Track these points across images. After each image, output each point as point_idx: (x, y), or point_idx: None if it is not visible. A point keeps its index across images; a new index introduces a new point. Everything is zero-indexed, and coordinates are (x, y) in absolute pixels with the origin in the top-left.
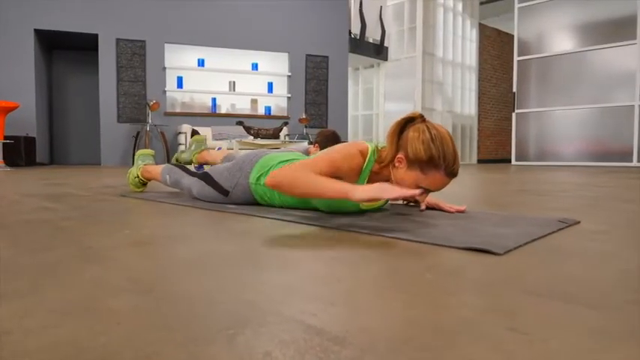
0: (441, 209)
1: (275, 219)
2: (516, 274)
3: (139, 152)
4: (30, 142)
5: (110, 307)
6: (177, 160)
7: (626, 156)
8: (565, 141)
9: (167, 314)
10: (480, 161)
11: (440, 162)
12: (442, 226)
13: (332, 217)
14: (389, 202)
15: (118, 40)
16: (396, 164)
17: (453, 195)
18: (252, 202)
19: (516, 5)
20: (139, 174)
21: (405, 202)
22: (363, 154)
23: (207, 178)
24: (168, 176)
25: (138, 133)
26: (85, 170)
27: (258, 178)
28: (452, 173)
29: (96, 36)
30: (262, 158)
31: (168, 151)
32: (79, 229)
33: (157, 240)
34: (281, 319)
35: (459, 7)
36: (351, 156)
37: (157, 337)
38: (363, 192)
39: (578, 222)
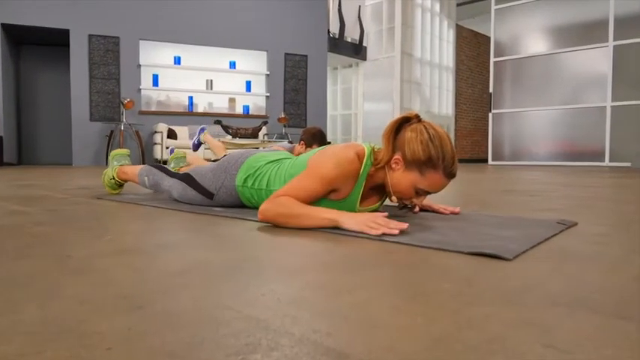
0: (434, 211)
1: (267, 223)
2: (535, 282)
3: (113, 152)
4: None
5: (98, 329)
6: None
7: (599, 156)
8: (540, 141)
9: (165, 337)
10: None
11: (439, 163)
12: (442, 228)
13: None
14: (383, 204)
15: (90, 36)
16: (393, 166)
17: (440, 196)
18: (238, 204)
19: (493, 7)
20: (115, 175)
21: (399, 205)
22: (360, 157)
23: (189, 180)
24: (146, 178)
25: (111, 133)
26: (57, 171)
27: (244, 180)
28: (451, 174)
29: (67, 31)
30: (248, 159)
31: (143, 151)
32: (55, 236)
33: (143, 248)
34: (294, 340)
35: (437, 7)
36: (349, 161)
37: None
38: (350, 223)
39: (576, 223)
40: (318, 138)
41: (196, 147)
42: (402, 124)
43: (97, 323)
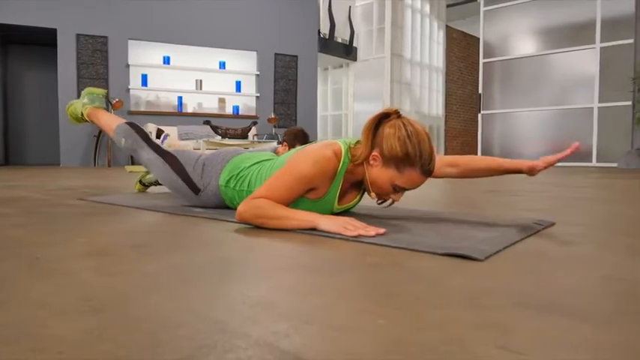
0: (557, 160)
1: (245, 224)
2: (502, 283)
3: (87, 90)
4: None
5: (54, 333)
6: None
7: (586, 156)
8: (528, 141)
9: (120, 340)
10: None
11: (416, 160)
12: (418, 229)
13: None
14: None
15: (78, 36)
16: (371, 162)
17: (425, 196)
18: (221, 205)
19: (482, 8)
20: (85, 114)
21: (379, 201)
22: (337, 155)
23: (175, 164)
24: (124, 139)
25: (100, 133)
26: (43, 171)
27: (227, 181)
28: (428, 171)
29: (54, 31)
30: (234, 159)
31: None
32: (29, 238)
33: (116, 250)
34: (250, 342)
35: (427, 8)
36: (326, 159)
37: None
38: (328, 225)
39: (553, 224)
40: (300, 138)
41: None
42: (382, 120)
43: (55, 327)
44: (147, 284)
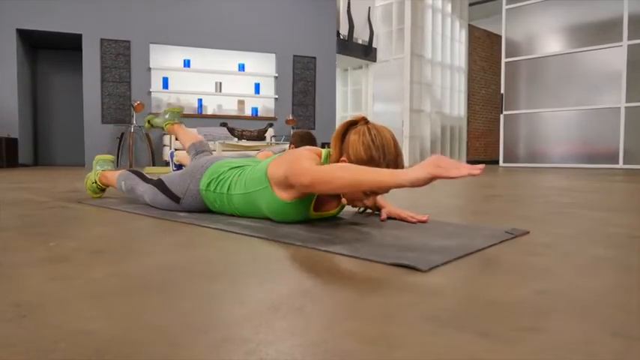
0: (401, 219)
1: (219, 229)
2: (426, 296)
3: (97, 157)
4: (11, 143)
5: None
6: (149, 122)
7: (613, 158)
8: (553, 143)
9: (28, 344)
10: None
11: (381, 162)
12: (383, 237)
13: (277, 226)
14: (344, 209)
15: (102, 41)
16: None
17: (421, 201)
18: (203, 209)
19: (504, 7)
20: (97, 180)
21: (360, 210)
22: (318, 156)
23: (160, 185)
24: (123, 183)
25: (122, 135)
26: (65, 172)
27: (208, 185)
28: None
29: (80, 36)
30: (214, 164)
31: (153, 153)
32: (3, 242)
33: (76, 255)
34: (143, 350)
35: (448, 8)
36: (308, 157)
37: None
38: (416, 174)
39: (527, 232)
40: (306, 140)
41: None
42: (349, 127)
43: None
44: (84, 291)
